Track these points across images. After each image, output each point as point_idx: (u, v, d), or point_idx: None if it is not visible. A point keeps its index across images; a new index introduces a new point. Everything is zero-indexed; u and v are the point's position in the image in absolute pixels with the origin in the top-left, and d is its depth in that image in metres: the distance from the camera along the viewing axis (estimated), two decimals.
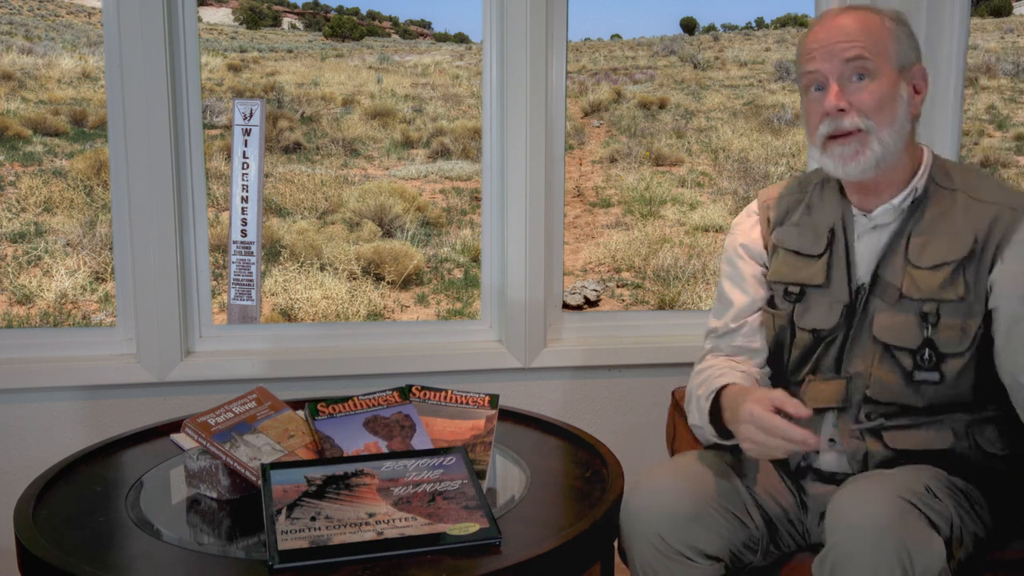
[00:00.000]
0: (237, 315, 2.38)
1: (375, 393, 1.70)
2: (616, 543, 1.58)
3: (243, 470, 1.51)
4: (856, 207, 1.62)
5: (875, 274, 1.57)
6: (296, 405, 1.74)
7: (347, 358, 2.33)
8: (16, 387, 2.20)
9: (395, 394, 1.71)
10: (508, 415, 1.93)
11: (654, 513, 1.49)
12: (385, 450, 1.59)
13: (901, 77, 1.53)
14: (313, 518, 1.36)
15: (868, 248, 1.60)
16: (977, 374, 1.53)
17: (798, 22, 8.67)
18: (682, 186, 6.87)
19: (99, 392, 2.23)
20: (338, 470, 1.47)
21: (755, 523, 1.57)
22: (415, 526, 1.36)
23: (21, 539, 1.38)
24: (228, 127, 2.53)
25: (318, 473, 1.46)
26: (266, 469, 1.46)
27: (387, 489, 1.44)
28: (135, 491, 1.58)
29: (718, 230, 6.43)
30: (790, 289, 1.65)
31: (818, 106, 1.54)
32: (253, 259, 2.37)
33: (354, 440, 1.60)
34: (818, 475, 1.65)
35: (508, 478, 1.66)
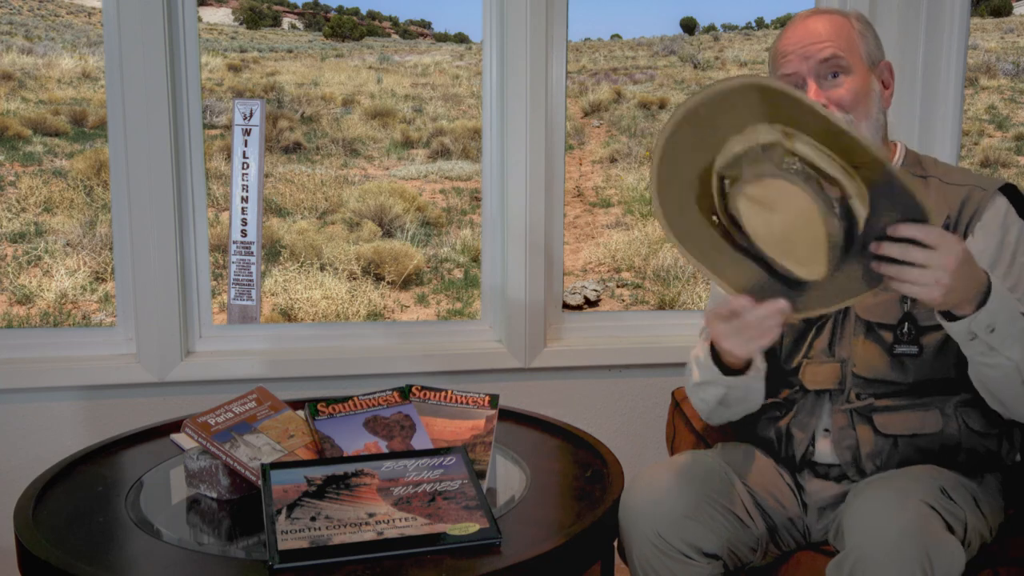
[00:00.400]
0: (237, 315, 2.38)
1: (375, 393, 1.71)
2: (616, 543, 1.58)
3: (243, 470, 1.51)
4: None
5: None
6: (296, 405, 1.74)
7: (347, 358, 2.33)
8: (16, 387, 2.20)
9: (395, 394, 1.71)
10: (508, 415, 1.93)
11: (653, 512, 1.49)
12: (385, 450, 1.59)
13: (872, 73, 1.60)
14: (313, 518, 1.36)
15: None
16: (958, 351, 1.54)
17: None
18: None
19: (99, 392, 2.23)
20: (338, 470, 1.48)
21: (754, 522, 1.58)
22: (415, 526, 1.36)
23: (21, 539, 1.38)
24: (228, 127, 2.53)
25: (318, 473, 1.46)
26: (266, 469, 1.46)
27: (387, 489, 1.44)
28: (135, 491, 1.58)
29: None
30: None
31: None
32: (253, 259, 2.37)
33: (354, 440, 1.60)
34: (814, 471, 1.65)
35: (508, 478, 1.66)
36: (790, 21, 1.64)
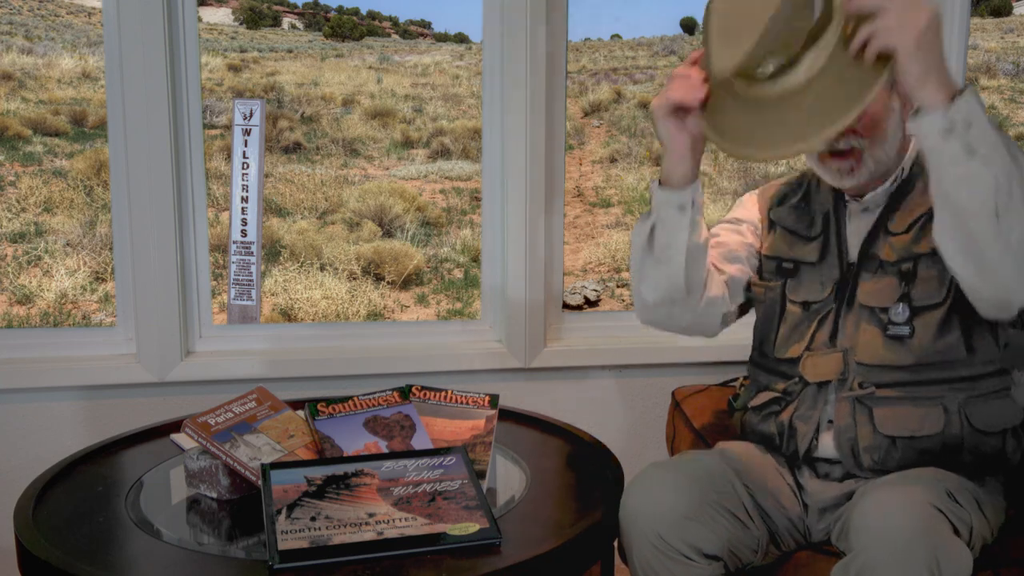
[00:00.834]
0: (237, 315, 2.38)
1: (375, 393, 1.71)
2: (616, 543, 1.58)
3: (243, 470, 1.51)
4: (847, 194, 1.69)
5: (862, 251, 1.63)
6: (296, 405, 1.74)
7: (347, 358, 2.33)
8: (16, 387, 2.20)
9: (395, 394, 1.71)
10: (508, 415, 1.93)
11: (653, 512, 1.49)
12: (385, 450, 1.59)
13: (892, 90, 1.58)
14: (313, 518, 1.36)
15: (858, 229, 1.66)
16: (964, 330, 1.55)
17: None
18: None
19: (99, 392, 2.23)
20: (338, 470, 1.48)
21: (754, 522, 1.57)
22: (415, 526, 1.36)
23: (21, 539, 1.38)
24: (228, 127, 2.53)
25: (318, 473, 1.46)
26: (266, 469, 1.46)
27: (387, 489, 1.44)
28: (135, 491, 1.58)
29: None
30: (784, 264, 1.71)
31: None
32: (253, 259, 2.37)
33: (354, 440, 1.60)
34: (816, 471, 1.65)
35: (508, 478, 1.66)
36: None
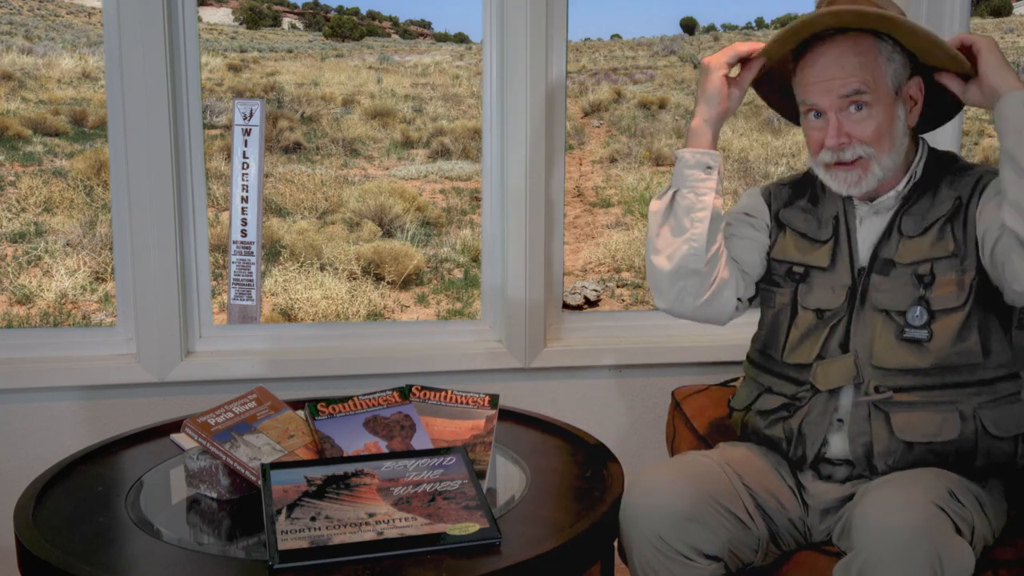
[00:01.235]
0: (237, 315, 2.38)
1: (375, 393, 1.70)
2: (616, 543, 1.58)
3: (243, 470, 1.51)
4: (857, 199, 1.67)
5: (874, 254, 1.62)
6: (296, 405, 1.74)
7: (347, 358, 2.33)
8: (16, 387, 2.20)
9: (395, 394, 1.71)
10: (508, 415, 1.93)
11: (653, 513, 1.49)
12: (385, 450, 1.59)
13: (897, 98, 1.58)
14: (313, 518, 1.36)
15: (869, 232, 1.65)
16: (982, 333, 1.55)
17: None
18: None
19: (99, 392, 2.23)
20: (338, 470, 1.48)
21: (755, 523, 1.57)
22: (415, 526, 1.36)
23: (21, 539, 1.38)
24: (228, 127, 2.53)
25: (318, 473, 1.46)
26: (266, 469, 1.46)
27: (387, 489, 1.44)
28: (135, 491, 1.58)
29: None
30: (795, 269, 1.69)
31: (818, 133, 1.60)
32: (253, 259, 2.37)
33: (354, 440, 1.60)
34: (819, 473, 1.65)
35: (508, 478, 1.66)
36: (818, 43, 1.58)
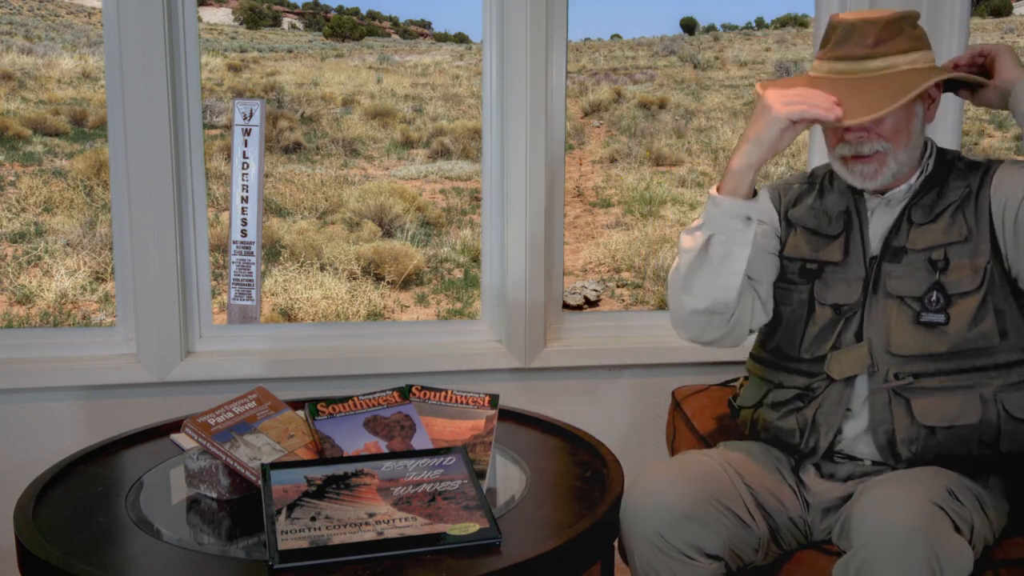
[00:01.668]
0: (237, 315, 2.38)
1: (375, 393, 1.70)
2: (616, 542, 1.58)
3: (243, 470, 1.51)
4: (869, 192, 1.68)
5: (885, 243, 1.63)
6: (296, 405, 1.74)
7: (347, 358, 2.33)
8: (16, 387, 2.20)
9: (395, 394, 1.71)
10: (508, 415, 1.93)
11: (654, 511, 1.49)
12: (385, 450, 1.59)
13: (917, 97, 1.58)
14: (313, 518, 1.36)
15: (880, 223, 1.65)
16: (997, 316, 1.55)
17: (798, 22, 8.66)
18: (682, 186, 6.87)
19: (99, 392, 2.23)
20: (338, 470, 1.47)
21: (756, 522, 1.57)
22: (415, 526, 1.36)
23: (21, 539, 1.38)
24: (228, 127, 2.53)
25: (318, 473, 1.46)
26: (266, 469, 1.46)
27: (387, 489, 1.44)
28: (135, 491, 1.58)
29: None
30: (808, 265, 1.69)
31: (836, 130, 1.60)
32: (253, 259, 2.37)
33: (354, 440, 1.60)
34: (819, 470, 1.65)
35: (508, 478, 1.66)
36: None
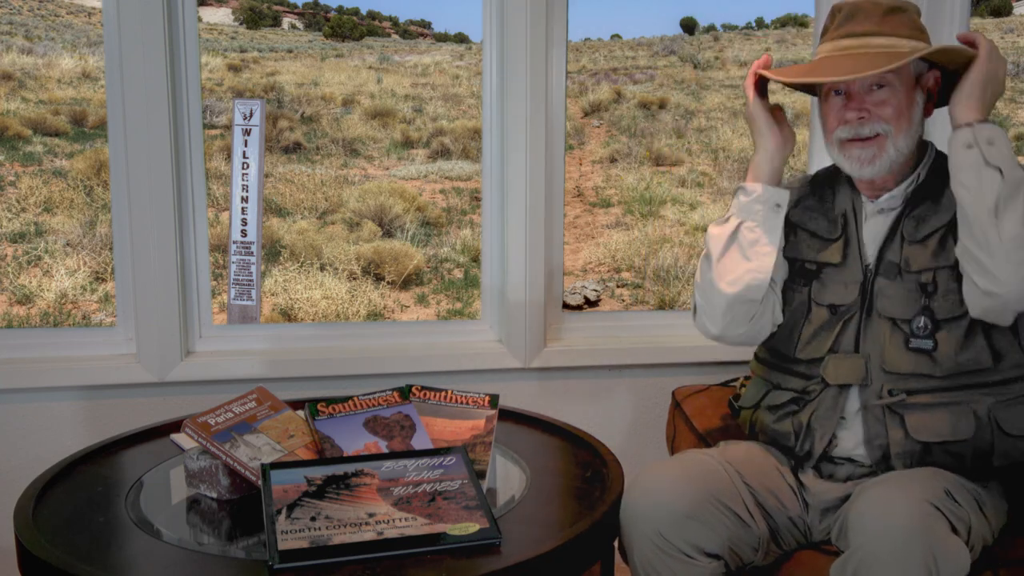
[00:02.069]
0: (237, 315, 2.38)
1: (375, 393, 1.70)
2: (616, 542, 1.58)
3: (243, 470, 1.51)
4: (864, 194, 1.69)
5: (880, 255, 1.63)
6: (296, 405, 1.74)
7: (347, 358, 2.33)
8: (16, 387, 2.20)
9: (395, 394, 1.71)
10: (508, 415, 1.93)
11: (654, 511, 1.49)
12: (385, 450, 1.59)
13: (918, 84, 1.60)
14: (313, 518, 1.36)
15: (874, 230, 1.66)
16: (988, 338, 1.56)
17: (798, 22, 8.67)
18: (682, 186, 6.87)
19: (99, 392, 2.23)
20: (338, 470, 1.48)
21: (755, 521, 1.57)
22: (415, 526, 1.36)
23: (21, 539, 1.38)
24: (228, 127, 2.53)
25: (318, 473, 1.46)
26: (266, 469, 1.46)
27: (387, 489, 1.44)
28: (135, 491, 1.58)
29: None
30: (807, 266, 1.70)
31: (838, 111, 1.61)
32: (253, 259, 2.37)
33: (354, 440, 1.60)
34: (819, 471, 1.65)
35: (508, 478, 1.66)
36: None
